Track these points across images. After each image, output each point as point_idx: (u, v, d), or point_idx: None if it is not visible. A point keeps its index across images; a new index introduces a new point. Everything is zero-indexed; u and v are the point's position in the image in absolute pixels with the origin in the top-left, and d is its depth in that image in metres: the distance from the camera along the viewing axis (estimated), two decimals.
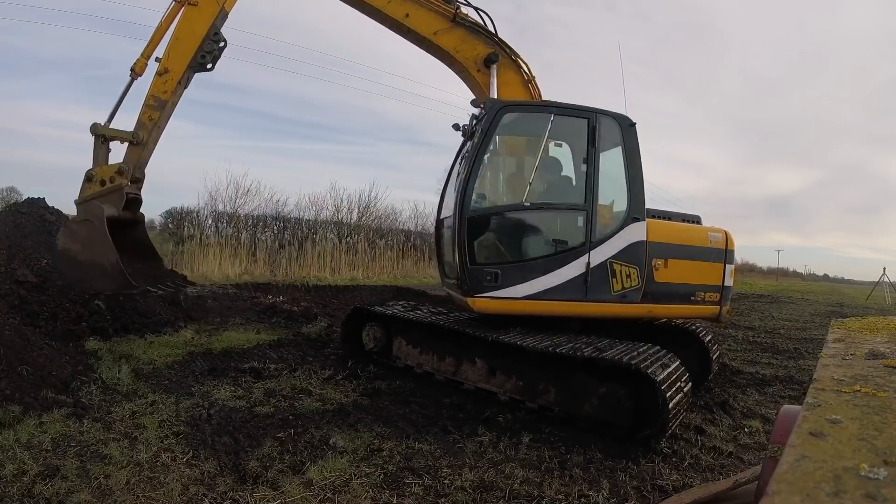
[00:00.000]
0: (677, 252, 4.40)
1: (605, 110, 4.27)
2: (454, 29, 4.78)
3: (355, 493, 2.54)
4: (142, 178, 4.74)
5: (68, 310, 5.41)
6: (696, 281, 4.44)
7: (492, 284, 4.01)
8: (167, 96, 4.56)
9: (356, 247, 15.59)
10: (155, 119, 4.55)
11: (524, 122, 4.48)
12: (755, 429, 3.81)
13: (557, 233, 4.29)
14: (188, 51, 4.55)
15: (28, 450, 2.68)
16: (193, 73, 4.71)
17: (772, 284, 39.26)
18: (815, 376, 0.96)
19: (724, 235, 4.59)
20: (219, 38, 4.68)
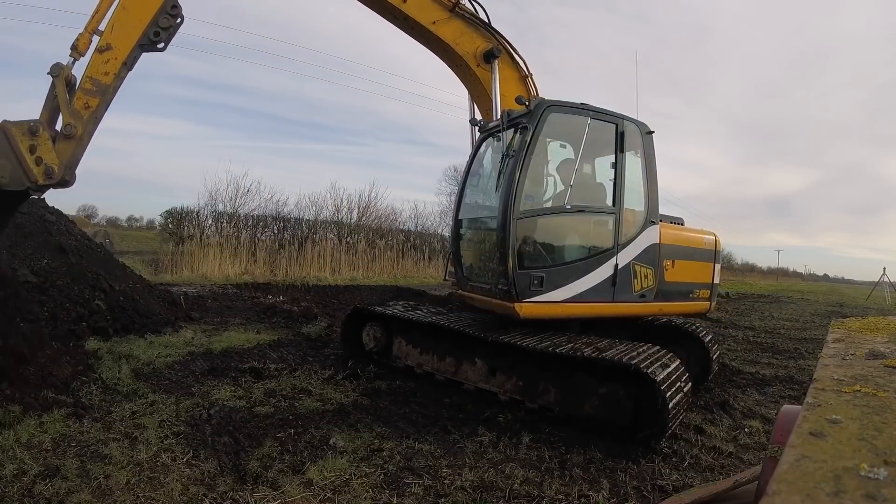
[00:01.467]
0: (682, 253, 4.71)
1: (629, 117, 4.39)
2: (453, 19, 4.68)
3: (355, 493, 2.54)
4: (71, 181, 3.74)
5: (68, 310, 5.41)
6: (694, 280, 4.80)
7: (537, 289, 3.91)
8: (108, 79, 3.65)
9: (356, 247, 15.59)
10: (92, 107, 3.61)
11: (563, 123, 4.39)
12: (755, 429, 3.81)
13: (592, 236, 4.34)
14: (138, 24, 3.69)
15: (28, 450, 2.68)
16: (142, 52, 3.83)
17: (772, 284, 39.25)
18: (815, 376, 0.96)
19: (714, 237, 5.04)
20: (177, 13, 3.84)
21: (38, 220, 6.73)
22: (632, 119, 4.39)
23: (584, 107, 4.24)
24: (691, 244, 4.85)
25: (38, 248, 6.16)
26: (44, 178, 3.48)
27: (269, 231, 14.91)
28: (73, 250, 6.39)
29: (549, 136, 4.54)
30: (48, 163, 3.46)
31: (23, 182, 3.45)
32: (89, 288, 5.86)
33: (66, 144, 3.54)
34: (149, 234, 33.50)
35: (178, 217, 14.09)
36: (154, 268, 12.09)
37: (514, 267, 3.84)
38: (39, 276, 5.68)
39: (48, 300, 5.39)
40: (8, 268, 5.00)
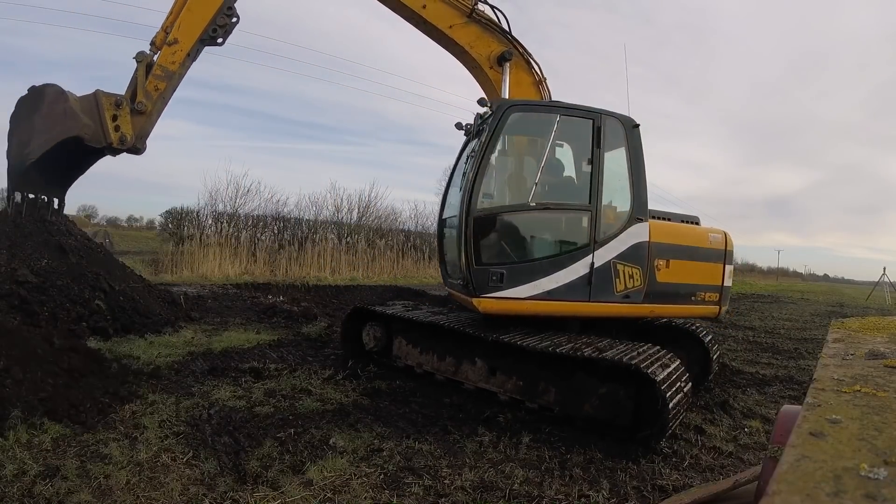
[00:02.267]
0: (678, 252, 4.42)
1: (610, 111, 4.25)
2: (469, 24, 4.80)
3: (355, 493, 2.54)
4: (142, 149, 4.72)
5: (68, 310, 5.41)
6: (696, 281, 4.48)
7: (497, 285, 3.96)
8: (174, 67, 4.52)
9: (356, 247, 15.60)
10: (161, 89, 4.52)
11: (531, 122, 4.48)
12: (755, 429, 3.81)
13: (562, 233, 4.32)
14: (200, 22, 4.49)
15: (28, 450, 2.68)
16: (203, 45, 4.65)
17: (772, 284, 39.27)
18: (815, 376, 0.96)
19: (724, 236, 4.63)
20: (232, 13, 4.64)
21: (38, 220, 6.73)
22: (613, 113, 4.24)
23: (554, 104, 4.33)
24: (692, 243, 4.55)
25: (38, 248, 6.15)
26: (118, 142, 4.49)
27: (269, 231, 14.91)
28: (73, 250, 6.39)
29: (515, 135, 4.62)
30: (124, 131, 4.44)
31: (100, 142, 4.46)
32: (89, 288, 5.86)
33: (138, 119, 4.50)
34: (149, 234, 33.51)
35: (178, 217, 14.09)
36: (154, 268, 12.09)
37: (471, 263, 3.96)
38: (39, 276, 5.67)
39: (48, 300, 5.39)
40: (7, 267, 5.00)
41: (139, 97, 4.44)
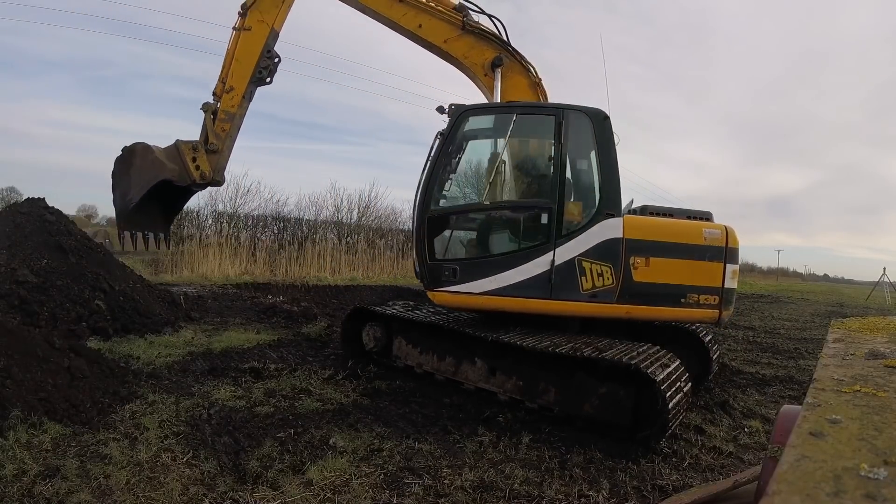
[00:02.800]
0: (661, 249, 4.05)
1: (574, 106, 4.22)
2: (464, 36, 4.91)
3: (355, 493, 2.54)
4: (221, 181, 5.56)
5: (68, 310, 5.41)
6: (686, 281, 4.05)
7: (450, 279, 4.14)
8: (234, 109, 5.27)
9: (356, 247, 15.59)
10: (227, 129, 5.28)
11: (489, 124, 4.52)
12: (755, 429, 3.81)
13: (518, 230, 4.31)
14: (247, 69, 5.21)
15: (28, 450, 2.68)
16: (255, 87, 5.36)
17: (772, 284, 39.26)
18: (815, 376, 0.96)
19: (724, 232, 4.14)
20: (273, 55, 5.31)
21: (38, 220, 6.73)
22: (578, 108, 4.19)
23: (510, 104, 4.36)
24: (679, 239, 4.12)
25: (38, 248, 6.15)
26: (200, 178, 5.15)
27: (269, 231, 14.91)
28: (73, 250, 6.39)
29: (474, 137, 4.65)
30: (203, 169, 5.13)
31: (186, 180, 5.11)
32: (89, 288, 5.86)
33: (213, 157, 5.20)
34: None
35: (178, 217, 14.08)
36: (154, 268, 12.08)
37: (424, 259, 4.21)
38: (39, 276, 5.68)
39: (48, 300, 5.39)
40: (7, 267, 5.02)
41: (210, 139, 5.17)
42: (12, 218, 6.70)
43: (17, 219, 6.66)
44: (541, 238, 4.10)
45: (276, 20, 5.16)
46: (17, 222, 6.57)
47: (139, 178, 5.04)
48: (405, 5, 4.89)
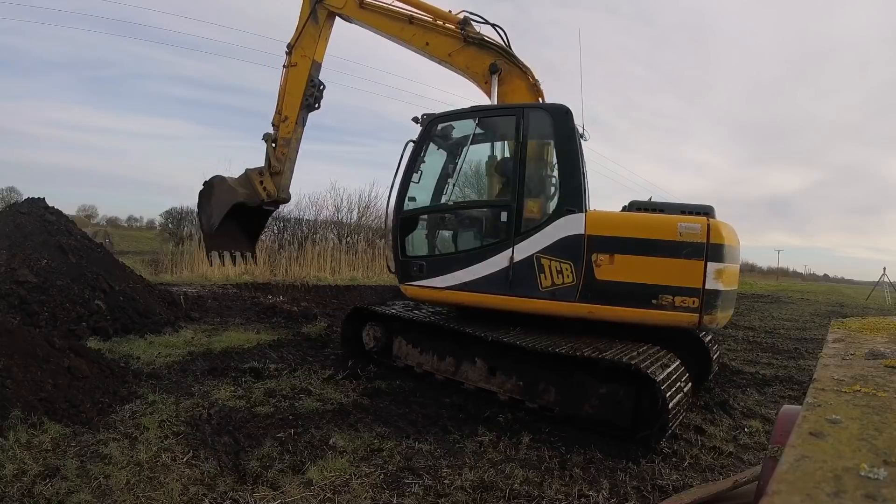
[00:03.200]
0: (627, 246, 3.85)
1: (535, 104, 4.31)
2: (466, 48, 5.12)
3: (355, 493, 2.54)
4: (287, 198, 6.41)
5: (68, 310, 5.41)
6: (658, 281, 3.76)
7: (418, 275, 4.49)
8: (290, 135, 6.07)
9: (356, 247, 15.59)
10: (286, 153, 6.10)
11: (456, 129, 4.68)
12: (755, 429, 3.81)
13: (480, 228, 4.46)
14: (297, 99, 6.00)
15: (28, 450, 2.68)
16: (306, 112, 6.17)
17: (772, 284, 39.25)
18: (815, 376, 0.96)
19: (704, 226, 3.72)
20: (316, 84, 6.09)
21: (38, 220, 6.73)
22: (539, 105, 4.27)
23: (473, 109, 4.52)
24: (648, 234, 3.83)
25: (38, 248, 6.15)
26: (267, 197, 6.10)
27: (269, 231, 14.91)
28: (73, 250, 6.39)
29: (442, 143, 4.83)
30: (269, 190, 6.08)
31: (256, 201, 6.10)
32: (89, 288, 5.86)
33: (276, 178, 6.09)
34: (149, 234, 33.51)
35: (177, 217, 14.10)
36: (154, 268, 12.09)
37: (397, 255, 4.61)
38: (39, 276, 5.68)
39: (48, 300, 5.40)
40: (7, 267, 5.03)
41: (273, 164, 6.03)
42: (12, 218, 6.71)
43: (17, 219, 6.67)
44: (501, 235, 4.19)
45: (316, 53, 5.95)
46: (17, 222, 6.58)
47: (218, 205, 6.07)
48: (415, 27, 5.27)
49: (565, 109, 4.14)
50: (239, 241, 6.60)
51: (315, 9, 5.82)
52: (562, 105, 4.17)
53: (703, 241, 3.70)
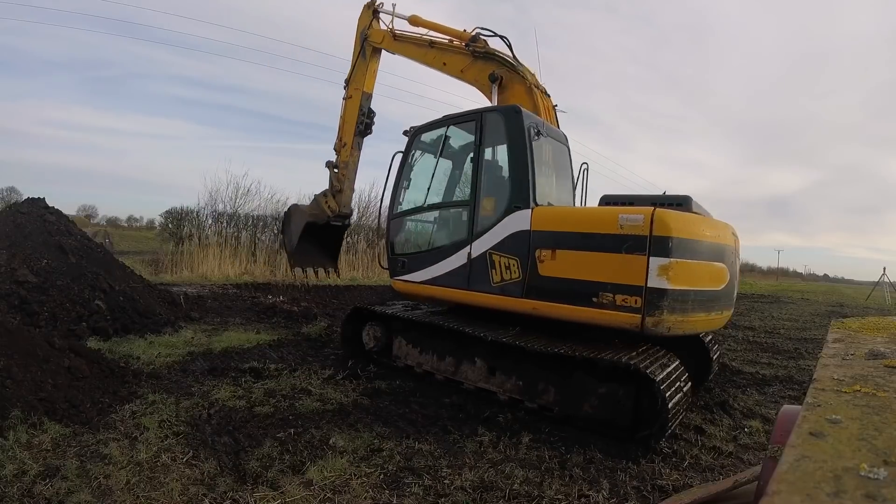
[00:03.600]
0: (567, 241, 3.72)
1: (491, 107, 4.50)
2: (475, 63, 5.43)
3: (355, 493, 2.54)
4: (349, 212, 7.03)
5: (68, 310, 5.41)
6: (598, 277, 3.54)
7: (402, 271, 4.96)
8: (347, 158, 6.71)
9: (356, 247, 15.59)
10: (346, 174, 6.72)
11: (434, 137, 4.98)
12: (755, 429, 3.81)
13: (445, 228, 4.82)
14: (352, 126, 6.66)
15: (28, 450, 2.68)
16: (360, 138, 6.77)
17: (772, 284, 39.25)
18: (815, 376, 0.96)
19: (648, 217, 3.39)
20: (366, 112, 6.72)
21: (38, 220, 6.73)
22: (494, 108, 4.47)
23: (445, 118, 4.90)
24: (586, 228, 3.67)
25: (38, 248, 6.16)
26: (332, 214, 6.74)
27: (269, 231, 14.90)
28: (73, 250, 6.39)
29: (424, 151, 5.14)
30: (332, 207, 6.72)
31: (323, 219, 6.77)
32: (89, 288, 5.86)
33: (338, 196, 6.73)
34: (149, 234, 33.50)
35: (177, 217, 14.09)
36: (154, 268, 12.08)
37: (389, 253, 5.15)
38: (39, 276, 5.68)
39: (48, 300, 5.40)
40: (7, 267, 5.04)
41: (334, 184, 6.74)
42: (12, 218, 6.71)
43: (17, 219, 6.67)
44: (463, 234, 4.45)
45: (366, 85, 6.66)
46: (17, 222, 6.58)
47: (294, 228, 6.90)
48: (434, 50, 5.83)
49: (516, 109, 4.27)
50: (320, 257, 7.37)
51: (363, 46, 6.64)
52: (512, 105, 4.35)
53: (644, 233, 3.39)
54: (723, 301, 3.87)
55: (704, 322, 3.67)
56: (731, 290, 3.98)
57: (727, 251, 3.82)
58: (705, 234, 3.57)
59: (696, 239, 3.49)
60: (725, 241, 3.81)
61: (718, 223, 3.89)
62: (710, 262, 3.62)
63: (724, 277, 3.79)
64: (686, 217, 3.50)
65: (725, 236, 3.83)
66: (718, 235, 3.73)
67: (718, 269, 3.72)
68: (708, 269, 3.61)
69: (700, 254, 3.53)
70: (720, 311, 3.87)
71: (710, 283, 3.63)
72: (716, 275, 3.70)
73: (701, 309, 3.58)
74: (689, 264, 3.43)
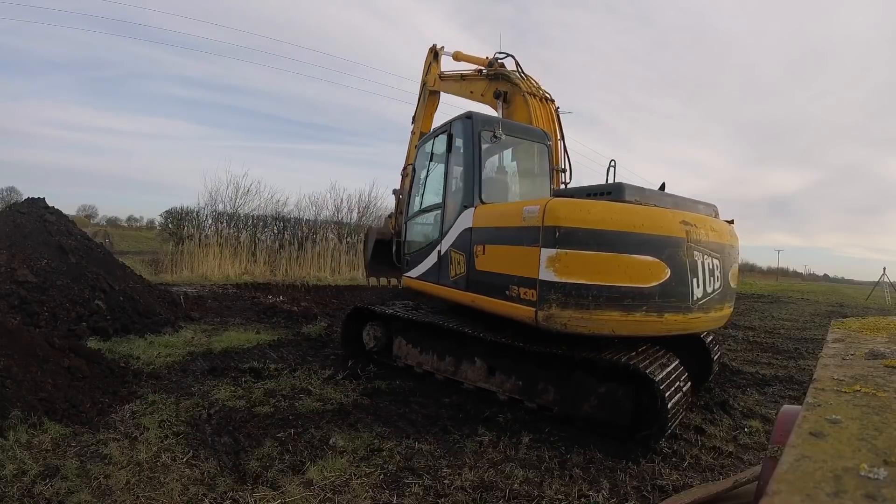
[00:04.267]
0: (492, 236, 3.83)
1: (455, 117, 4.81)
2: (490, 84, 6.10)
3: (355, 493, 2.54)
4: None
5: (68, 310, 5.42)
6: (509, 270, 3.57)
7: (407, 268, 5.42)
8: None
9: (356, 247, 15.59)
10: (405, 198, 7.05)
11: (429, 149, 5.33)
12: (755, 429, 3.81)
13: (427, 229, 5.26)
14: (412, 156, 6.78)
15: (28, 450, 2.68)
16: None
17: (772, 284, 39.24)
18: (815, 376, 0.96)
19: (541, 208, 3.32)
20: None
21: (38, 220, 6.73)
22: (456, 117, 4.80)
23: (434, 130, 5.40)
24: (501, 223, 3.77)
25: (38, 248, 6.16)
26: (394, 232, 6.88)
27: (269, 231, 14.91)
28: (73, 250, 6.39)
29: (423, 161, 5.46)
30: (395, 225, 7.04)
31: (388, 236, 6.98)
32: (89, 288, 5.86)
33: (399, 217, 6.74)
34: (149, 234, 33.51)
35: (177, 217, 14.09)
36: (154, 268, 12.09)
37: (402, 251, 5.68)
38: (39, 276, 5.68)
39: (48, 300, 5.40)
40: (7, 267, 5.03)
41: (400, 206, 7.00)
42: (12, 218, 6.71)
43: (17, 219, 6.67)
44: (437, 233, 4.81)
45: (423, 124, 7.50)
46: (17, 222, 6.58)
47: (368, 244, 7.46)
48: (464, 81, 6.63)
49: (468, 115, 4.66)
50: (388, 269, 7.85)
51: (421, 91, 7.58)
52: (466, 112, 4.73)
53: (537, 224, 3.33)
54: (663, 301, 3.30)
55: (628, 324, 3.24)
56: (676, 289, 3.34)
57: (669, 244, 3.31)
58: (614, 223, 3.21)
59: (595, 228, 3.20)
60: (665, 232, 3.32)
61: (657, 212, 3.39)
62: (626, 254, 3.20)
63: (658, 274, 3.27)
64: (582, 205, 3.28)
65: (668, 228, 3.33)
66: (651, 226, 3.26)
67: (645, 262, 3.24)
68: (621, 261, 3.20)
69: (604, 245, 3.20)
70: (657, 313, 3.29)
71: (626, 279, 3.21)
72: (640, 269, 3.23)
73: (616, 307, 3.21)
74: (583, 255, 3.19)
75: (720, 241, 3.71)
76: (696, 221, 3.51)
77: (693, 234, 3.43)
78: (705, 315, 3.59)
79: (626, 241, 3.21)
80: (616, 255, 3.19)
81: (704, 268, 3.52)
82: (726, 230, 3.89)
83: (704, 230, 3.55)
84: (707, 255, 3.55)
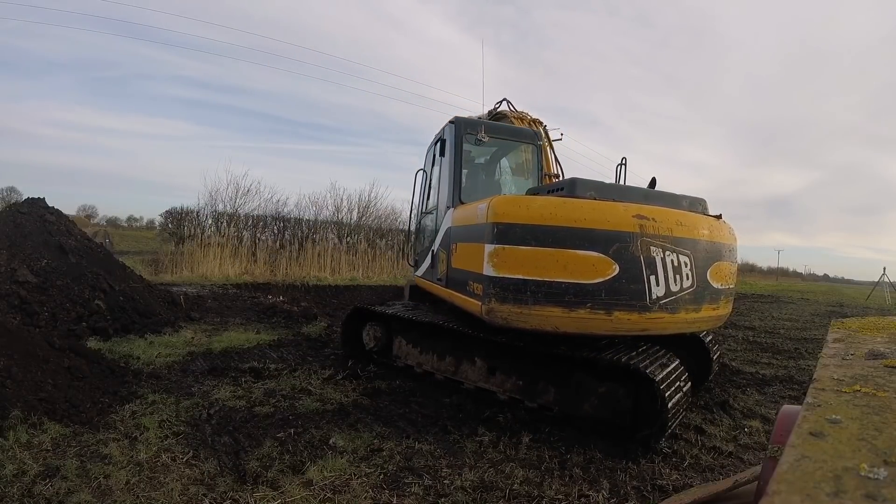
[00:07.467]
0: (462, 235, 4.03)
1: (448, 122, 4.99)
2: None
3: (355, 493, 2.54)
4: None
5: (68, 310, 5.42)
6: (468, 267, 3.72)
7: (416, 267, 5.87)
8: None
9: (356, 247, 15.59)
10: None
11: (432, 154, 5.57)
12: (755, 429, 3.81)
13: (427, 230, 5.53)
14: None
15: (28, 450, 2.68)
16: None
17: (772, 284, 39.23)
18: (815, 376, 0.96)
19: (487, 206, 3.41)
20: None
21: (38, 220, 6.73)
22: (450, 121, 4.98)
23: (436, 134, 5.52)
24: (464, 222, 4.01)
25: (38, 248, 6.16)
26: None
27: (269, 231, 14.91)
28: (73, 250, 6.39)
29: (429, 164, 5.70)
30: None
31: None
32: (89, 288, 5.86)
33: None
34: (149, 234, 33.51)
35: (178, 217, 14.09)
36: (154, 268, 12.09)
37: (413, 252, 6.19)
38: (39, 276, 5.68)
39: (48, 300, 5.40)
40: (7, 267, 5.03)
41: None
42: (12, 218, 6.71)
43: (17, 219, 6.67)
44: (433, 234, 5.08)
45: None
46: (17, 222, 6.58)
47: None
48: None
49: (452, 120, 4.94)
50: None
51: None
52: (454, 117, 4.96)
53: (486, 221, 3.39)
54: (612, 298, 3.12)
55: (572, 321, 3.13)
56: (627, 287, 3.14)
57: (617, 239, 3.13)
58: (554, 218, 3.14)
59: (533, 224, 3.15)
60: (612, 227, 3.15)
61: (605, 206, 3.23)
62: (565, 249, 3.11)
63: (603, 270, 3.11)
64: (522, 202, 3.29)
65: (616, 222, 3.16)
66: (596, 220, 3.14)
67: (587, 258, 3.10)
68: (560, 256, 3.11)
69: (542, 240, 3.14)
70: (604, 311, 3.12)
71: (565, 274, 3.10)
72: (582, 265, 3.11)
73: (556, 304, 3.12)
74: (519, 251, 3.18)
75: (691, 236, 3.39)
76: (654, 215, 3.25)
77: (649, 229, 3.18)
78: (672, 316, 3.29)
79: (567, 236, 3.12)
80: (555, 251, 3.13)
81: (666, 265, 3.25)
82: (702, 225, 3.49)
83: (667, 224, 3.27)
84: (670, 251, 3.28)
